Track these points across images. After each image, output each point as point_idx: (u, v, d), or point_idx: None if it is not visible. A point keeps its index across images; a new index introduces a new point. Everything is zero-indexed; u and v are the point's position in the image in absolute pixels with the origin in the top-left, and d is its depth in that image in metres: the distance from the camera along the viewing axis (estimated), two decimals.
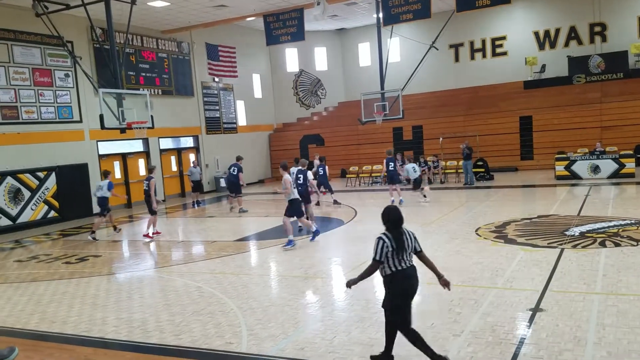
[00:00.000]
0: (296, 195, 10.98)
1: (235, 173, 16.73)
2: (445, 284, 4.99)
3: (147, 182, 13.37)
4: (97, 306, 7.60)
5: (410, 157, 22.17)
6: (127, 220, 17.25)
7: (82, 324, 6.83)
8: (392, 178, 15.71)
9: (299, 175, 12.64)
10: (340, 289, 7.71)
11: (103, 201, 13.96)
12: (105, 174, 14.42)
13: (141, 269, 10.03)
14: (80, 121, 18.47)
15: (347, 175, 23.39)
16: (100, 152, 19.24)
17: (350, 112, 26.19)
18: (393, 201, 14.99)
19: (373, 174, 22.48)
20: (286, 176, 10.79)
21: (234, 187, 16.82)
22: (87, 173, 18.49)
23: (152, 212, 13.26)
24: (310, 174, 13.09)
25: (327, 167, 17.32)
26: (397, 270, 4.77)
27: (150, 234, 13.26)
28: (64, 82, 18.05)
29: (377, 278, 8.11)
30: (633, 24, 23.10)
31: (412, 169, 16.09)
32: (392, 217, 4.86)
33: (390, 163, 15.75)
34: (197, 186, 19.57)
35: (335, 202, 16.42)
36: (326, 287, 7.99)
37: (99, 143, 19.10)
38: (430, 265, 5.06)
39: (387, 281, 4.84)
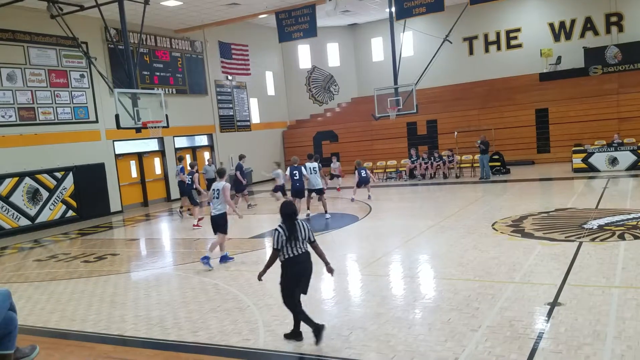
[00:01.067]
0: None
1: (234, 172, 16.91)
2: (329, 270, 5.72)
3: (190, 176, 14.65)
4: (116, 304, 7.69)
5: (425, 151, 22.12)
6: (144, 218, 17.41)
7: (101, 322, 6.91)
8: (297, 191, 13.68)
9: (294, 172, 12.82)
10: (356, 286, 7.70)
11: (181, 185, 15.51)
12: (179, 159, 16.30)
13: (158, 267, 10.12)
14: (97, 121, 18.68)
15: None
16: (117, 152, 19.43)
17: (363, 108, 26.10)
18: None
19: (387, 170, 22.40)
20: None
21: (236, 185, 16.59)
22: (104, 173, 18.69)
23: (195, 204, 14.42)
24: (304, 170, 13.38)
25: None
26: (290, 257, 5.49)
27: (197, 223, 14.05)
28: (80, 82, 18.25)
29: (394, 276, 8.11)
30: None
31: (280, 174, 15.97)
32: (285, 211, 5.59)
33: (295, 172, 13.60)
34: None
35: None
36: (342, 283, 7.99)
37: (115, 143, 19.30)
38: (320, 254, 5.72)
39: (282, 266, 5.58)
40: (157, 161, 21.35)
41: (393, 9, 18.77)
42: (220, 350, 5.64)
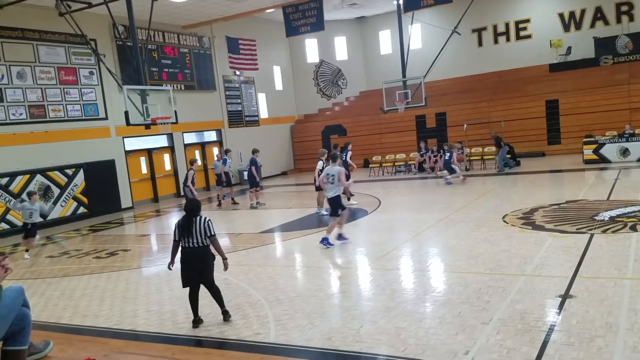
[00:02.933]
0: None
1: (248, 167, 16.80)
2: (225, 265, 6.41)
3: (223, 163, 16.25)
4: (128, 299, 7.75)
5: (434, 144, 22.02)
6: (155, 214, 17.51)
7: (114, 317, 6.97)
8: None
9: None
10: (366, 280, 7.71)
11: (227, 175, 16.85)
12: (225, 152, 17.48)
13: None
14: (106, 118, 18.78)
15: (370, 165, 23.30)
16: (127, 148, 19.55)
17: (372, 102, 26.02)
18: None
19: (396, 163, 22.34)
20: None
21: (249, 180, 16.54)
22: (114, 169, 18.81)
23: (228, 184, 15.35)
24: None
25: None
26: (183, 247, 6.28)
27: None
28: (89, 80, 18.35)
29: (404, 269, 8.10)
30: None
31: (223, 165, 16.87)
32: (186, 207, 6.39)
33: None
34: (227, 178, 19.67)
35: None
36: (352, 277, 8.00)
37: (125, 139, 19.40)
38: (216, 247, 6.42)
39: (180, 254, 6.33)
40: (166, 157, 21.45)
41: (401, 1, 18.66)
42: (231, 344, 5.67)
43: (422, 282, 7.28)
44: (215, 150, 23.69)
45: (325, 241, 9.72)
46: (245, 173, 23.87)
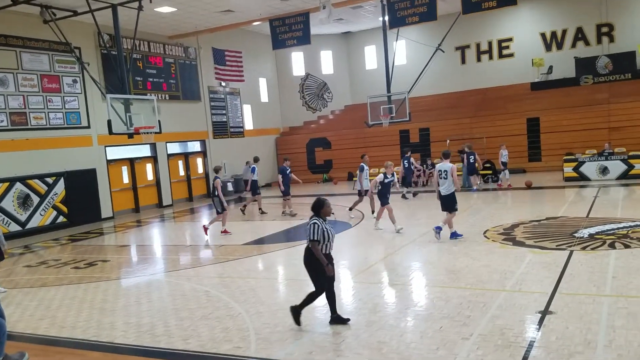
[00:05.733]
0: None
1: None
2: (327, 270, 6.01)
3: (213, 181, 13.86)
4: (106, 311, 7.63)
5: (418, 159, 22.18)
6: (135, 225, 17.32)
7: (91, 329, 6.86)
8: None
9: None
10: (348, 293, 7.69)
11: (254, 184, 16.31)
12: (255, 160, 17.17)
13: (149, 274, 10.06)
14: (89, 127, 18.59)
15: (354, 179, 23.31)
16: (109, 158, 19.35)
17: (356, 115, 26.18)
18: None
19: None
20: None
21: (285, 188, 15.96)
22: (95, 178, 18.58)
23: (219, 211, 13.35)
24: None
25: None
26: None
27: (227, 230, 13.37)
28: (72, 88, 18.18)
29: (386, 283, 8.10)
30: None
31: None
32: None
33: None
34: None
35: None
36: (334, 290, 7.96)
37: (107, 148, 19.21)
38: (314, 252, 5.99)
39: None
40: (149, 167, 21.27)
41: (386, 18, 18.87)
42: (211, 358, 5.60)
43: (404, 296, 7.30)
44: (200, 161, 23.60)
45: (454, 235, 10.39)
46: (230, 184, 23.96)
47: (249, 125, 26.71)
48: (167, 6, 17.79)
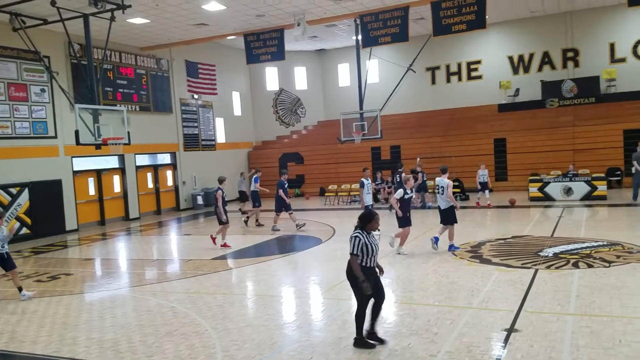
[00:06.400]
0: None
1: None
2: (363, 288, 5.78)
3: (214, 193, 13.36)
4: (68, 326, 7.42)
5: (388, 175, 22.38)
6: (100, 238, 16.93)
7: (53, 344, 6.65)
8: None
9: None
10: (318, 309, 7.66)
11: (254, 194, 16.51)
12: (256, 170, 17.49)
13: (113, 288, 9.83)
14: (55, 137, 18.18)
15: (326, 194, 23.42)
16: (75, 168, 18.92)
17: (329, 131, 26.32)
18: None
19: (352, 193, 22.54)
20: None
21: (279, 203, 15.64)
22: (60, 189, 18.13)
23: (220, 222, 13.01)
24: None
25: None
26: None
27: (227, 243, 13.02)
28: (40, 97, 17.79)
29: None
30: (604, 50, 23.82)
31: None
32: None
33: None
34: (243, 196, 19.79)
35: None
36: (303, 306, 7.93)
37: (73, 159, 18.80)
38: (352, 266, 5.88)
39: None
40: (116, 179, 20.88)
41: (360, 37, 19.13)
42: None
43: None
44: (169, 173, 23.30)
45: (452, 248, 10.74)
46: (199, 197, 23.71)
47: (221, 138, 26.55)
48: (140, 17, 17.65)
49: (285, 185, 15.59)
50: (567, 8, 23.33)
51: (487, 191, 17.99)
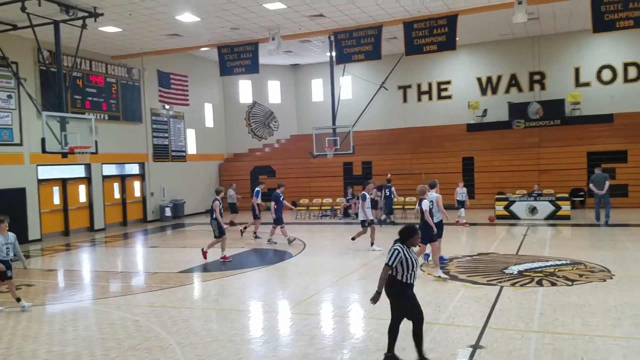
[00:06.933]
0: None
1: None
2: (373, 298, 5.86)
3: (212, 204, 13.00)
4: (28, 338, 7.19)
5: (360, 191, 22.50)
6: (64, 248, 16.50)
7: (11, 357, 6.43)
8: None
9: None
10: (286, 324, 7.61)
11: (253, 207, 16.19)
12: (258, 183, 17.29)
13: (76, 300, 9.58)
14: (21, 144, 17.72)
15: (297, 208, 23.38)
16: (40, 177, 18.45)
17: (302, 145, 26.39)
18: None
19: (323, 207, 22.58)
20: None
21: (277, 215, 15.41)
22: (24, 198, 17.64)
23: (220, 234, 12.71)
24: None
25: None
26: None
27: (227, 256, 12.76)
28: (6, 103, 17.35)
29: (324, 314, 8.08)
30: (570, 74, 24.61)
31: None
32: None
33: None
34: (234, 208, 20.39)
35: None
36: (271, 321, 7.87)
37: (38, 167, 18.34)
38: (381, 276, 5.85)
39: None
40: (82, 188, 20.42)
41: (334, 54, 19.34)
42: None
43: (341, 328, 7.30)
44: (137, 184, 22.93)
45: (441, 259, 10.78)
46: (167, 209, 23.37)
47: (192, 149, 26.31)
48: (112, 26, 17.45)
49: (281, 198, 15.35)
50: (535, 32, 24.07)
51: (462, 210, 18.08)
